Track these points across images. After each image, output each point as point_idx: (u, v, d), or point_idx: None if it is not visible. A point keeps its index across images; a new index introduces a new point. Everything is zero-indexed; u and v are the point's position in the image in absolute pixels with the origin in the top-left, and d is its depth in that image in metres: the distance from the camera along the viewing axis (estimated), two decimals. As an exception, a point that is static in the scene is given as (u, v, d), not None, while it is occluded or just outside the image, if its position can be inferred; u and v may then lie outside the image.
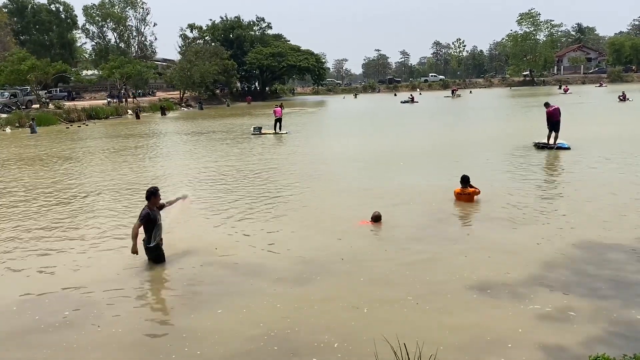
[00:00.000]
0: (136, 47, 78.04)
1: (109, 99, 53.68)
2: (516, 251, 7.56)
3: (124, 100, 54.33)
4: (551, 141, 17.19)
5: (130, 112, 47.49)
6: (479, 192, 10.47)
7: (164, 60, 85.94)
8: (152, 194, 7.47)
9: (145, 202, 7.53)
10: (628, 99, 40.35)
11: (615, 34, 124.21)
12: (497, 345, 4.96)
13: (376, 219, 9.09)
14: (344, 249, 7.91)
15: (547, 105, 17.83)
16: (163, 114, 48.30)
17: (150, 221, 7.32)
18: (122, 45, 74.87)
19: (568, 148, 16.87)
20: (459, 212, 9.94)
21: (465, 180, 10.47)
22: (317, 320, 5.60)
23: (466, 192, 10.42)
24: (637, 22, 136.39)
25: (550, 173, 14.03)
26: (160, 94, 67.49)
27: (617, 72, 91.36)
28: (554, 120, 17.19)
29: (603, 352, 3.80)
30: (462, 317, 5.61)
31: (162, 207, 7.77)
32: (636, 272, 6.57)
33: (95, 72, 62.59)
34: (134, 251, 7.27)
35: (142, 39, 78.91)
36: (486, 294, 6.09)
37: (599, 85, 75.90)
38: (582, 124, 24.31)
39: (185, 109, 58.68)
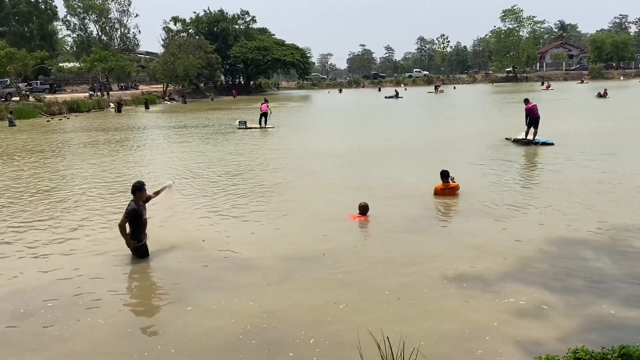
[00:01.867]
0: (118, 39, 77.00)
1: (90, 92, 52.96)
2: (493, 245, 7.66)
3: (106, 93, 53.64)
4: (530, 137, 17.44)
5: (112, 105, 46.92)
6: (458, 188, 10.58)
7: (147, 53, 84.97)
8: (138, 189, 7.41)
9: (131, 197, 7.48)
10: (608, 96, 40.96)
11: (596, 31, 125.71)
12: (475, 338, 5.03)
13: (363, 209, 9.13)
14: (326, 244, 7.93)
15: (526, 101, 18.07)
16: (147, 107, 47.81)
17: (136, 216, 7.27)
18: (104, 38, 73.77)
19: (552, 144, 17.13)
20: (441, 207, 10.04)
21: (445, 175, 10.56)
22: (295, 315, 5.63)
23: (449, 187, 10.52)
24: (617, 20, 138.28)
25: (530, 168, 14.24)
26: (143, 87, 66.77)
27: (598, 69, 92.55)
28: (533, 116, 17.43)
29: (582, 345, 3.87)
30: (440, 310, 5.68)
31: (148, 199, 7.75)
32: (609, 267, 6.70)
33: (77, 64, 61.55)
34: (131, 246, 7.25)
35: (125, 31, 77.93)
36: (463, 288, 6.17)
37: (580, 82, 76.78)
38: (563, 121, 24.65)
39: (168, 102, 58.17)
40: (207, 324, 5.52)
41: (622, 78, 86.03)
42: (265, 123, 26.81)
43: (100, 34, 73.86)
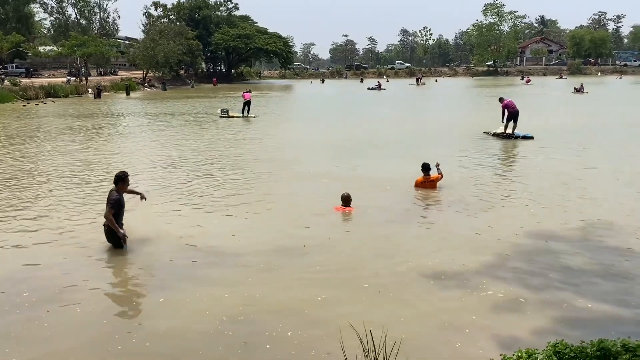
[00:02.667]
0: (97, 24, 75.49)
1: (68, 77, 51.90)
2: (472, 239, 7.71)
3: (84, 78, 52.62)
4: (509, 130, 17.62)
5: (90, 90, 46.05)
6: (441, 178, 10.64)
7: (127, 38, 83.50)
8: (121, 179, 7.30)
9: (108, 189, 7.37)
10: (585, 91, 41.62)
11: (576, 27, 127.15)
12: (455, 331, 5.06)
13: (346, 200, 9.12)
14: (308, 236, 7.89)
15: (501, 100, 18.30)
16: (127, 93, 47.04)
17: (120, 206, 7.21)
18: (83, 22, 72.24)
19: (531, 137, 17.36)
20: (422, 200, 10.07)
21: (426, 168, 10.61)
22: (273, 308, 5.58)
23: (429, 180, 10.58)
24: (596, 17, 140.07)
25: (509, 162, 14.39)
26: (123, 73, 65.65)
27: (576, 65, 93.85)
28: (511, 111, 17.58)
29: (561, 339, 3.92)
30: (420, 303, 5.70)
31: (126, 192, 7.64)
32: (585, 262, 6.78)
33: (55, 48, 60.19)
34: (123, 236, 7.16)
35: (104, 15, 76.46)
36: (442, 281, 6.20)
37: (559, 77, 77.83)
38: (541, 115, 24.93)
39: (148, 89, 57.33)
40: (183, 316, 5.45)
41: (599, 74, 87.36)
42: (248, 112, 26.61)
43: (78, 17, 72.34)
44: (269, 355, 4.70)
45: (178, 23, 75.36)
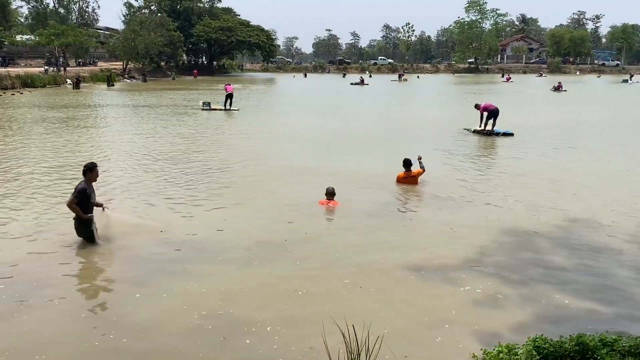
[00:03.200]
0: (77, 13, 74.10)
1: (46, 67, 50.88)
2: (451, 235, 7.73)
3: (62, 69, 51.66)
4: (489, 127, 17.78)
5: (69, 81, 45.23)
6: (423, 172, 10.66)
7: (107, 29, 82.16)
8: (89, 170, 7.12)
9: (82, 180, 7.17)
10: (564, 89, 42.27)
11: (556, 26, 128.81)
12: (435, 326, 5.07)
13: (330, 194, 9.09)
14: (289, 230, 7.84)
15: (477, 106, 18.36)
16: (109, 84, 46.29)
17: (85, 197, 6.99)
18: (62, 11, 70.83)
19: (511, 134, 17.54)
20: (403, 195, 10.08)
21: (407, 164, 10.63)
22: (252, 302, 5.53)
23: (411, 175, 10.61)
24: (576, 16, 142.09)
25: (488, 159, 14.49)
26: (102, 64, 64.60)
27: (556, 63, 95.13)
28: (491, 110, 17.71)
29: (541, 334, 3.95)
30: (400, 299, 5.69)
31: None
32: (563, 258, 6.84)
33: (32, 37, 58.92)
34: (85, 216, 6.93)
35: (84, 5, 75.06)
36: (422, 276, 6.21)
37: (539, 75, 78.84)
38: (520, 112, 25.22)
39: (128, 80, 56.52)
40: (161, 312, 5.36)
41: (578, 73, 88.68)
42: (230, 105, 26.39)
43: (57, 6, 70.89)
44: (248, 351, 4.64)
45: (159, 14, 74.45)
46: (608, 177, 11.68)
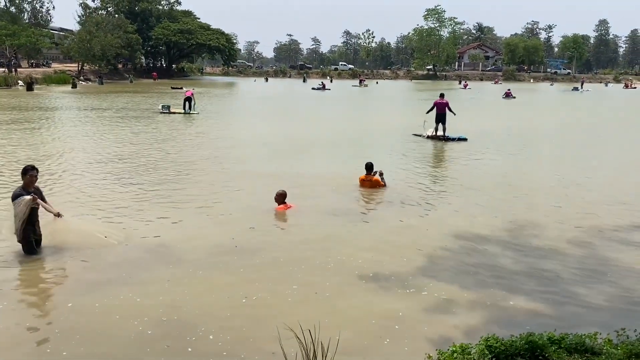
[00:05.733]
0: (29, 13, 71.67)
1: (-4, 68, 49.07)
2: (405, 240, 7.80)
3: (14, 69, 49.87)
4: (439, 132, 18.16)
5: (21, 82, 43.69)
6: (384, 186, 10.66)
7: (62, 29, 79.89)
8: (23, 173, 6.71)
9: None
10: (513, 96, 43.83)
11: (511, 35, 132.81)
12: (390, 330, 5.11)
13: (280, 197, 9.00)
14: (240, 236, 7.72)
15: (442, 96, 18.87)
16: (74, 86, 45.01)
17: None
18: (13, 9, 68.35)
19: (465, 139, 17.96)
20: (358, 200, 10.13)
21: (369, 167, 10.77)
22: (197, 310, 5.41)
23: (369, 179, 10.72)
24: (529, 26, 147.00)
25: (444, 164, 14.77)
26: (57, 66, 62.74)
27: (511, 71, 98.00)
28: (439, 112, 18.14)
29: (493, 334, 4.06)
30: (353, 303, 5.71)
31: (39, 194, 6.93)
32: (512, 262, 7.00)
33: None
34: (33, 199, 6.56)
35: (38, 4, 72.66)
36: (376, 281, 6.23)
37: (495, 82, 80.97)
38: (474, 118, 25.87)
39: (84, 83, 55.03)
40: (104, 320, 5.20)
41: (531, 81, 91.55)
42: (190, 108, 26.05)
43: (8, 5, 68.37)
44: (193, 358, 4.59)
45: (117, 15, 72.89)
46: (556, 182, 12.03)
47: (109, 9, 77.65)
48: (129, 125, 21.16)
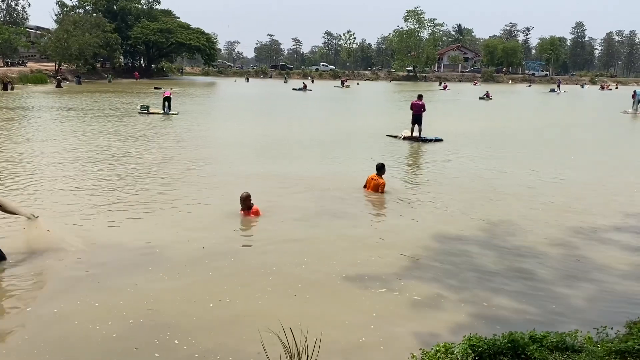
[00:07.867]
0: (4, 11, 70.44)
1: (-31, 67, 48.01)
2: (387, 240, 7.79)
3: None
4: (415, 134, 18.26)
5: (-5, 82, 42.79)
6: (382, 191, 10.41)
7: (38, 28, 78.60)
8: None
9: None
10: (490, 98, 44.50)
11: (489, 36, 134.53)
12: (372, 330, 5.10)
13: (245, 201, 8.57)
14: (212, 239, 7.58)
15: (420, 97, 18.95)
16: (58, 85, 44.18)
17: None
18: (-13, 7, 67.20)
19: (441, 140, 18.11)
20: (339, 202, 9.94)
21: (379, 168, 10.51)
22: (164, 317, 5.26)
23: (375, 179, 10.44)
24: (508, 28, 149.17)
25: (421, 165, 14.80)
26: (33, 65, 61.61)
27: (490, 73, 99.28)
28: (415, 114, 18.24)
29: (475, 333, 4.07)
30: (335, 305, 5.67)
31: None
32: (493, 262, 7.03)
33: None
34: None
35: (13, 2, 71.42)
36: (358, 282, 6.19)
37: (474, 84, 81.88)
38: (451, 119, 26.16)
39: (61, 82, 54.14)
40: (66, 327, 5.04)
41: (510, 82, 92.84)
42: (169, 109, 25.80)
43: (-19, 3, 67.18)
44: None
45: (95, 14, 71.93)
46: (533, 182, 12.13)
47: (86, 7, 76.60)
48: (106, 125, 20.80)
